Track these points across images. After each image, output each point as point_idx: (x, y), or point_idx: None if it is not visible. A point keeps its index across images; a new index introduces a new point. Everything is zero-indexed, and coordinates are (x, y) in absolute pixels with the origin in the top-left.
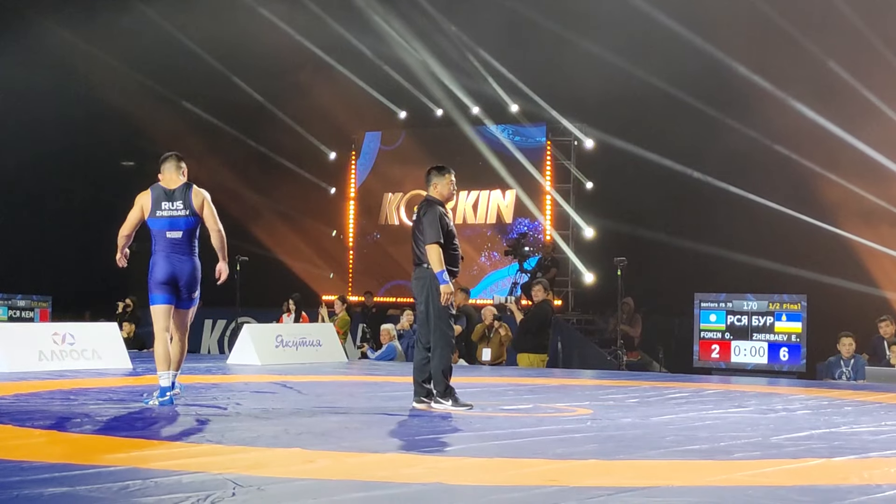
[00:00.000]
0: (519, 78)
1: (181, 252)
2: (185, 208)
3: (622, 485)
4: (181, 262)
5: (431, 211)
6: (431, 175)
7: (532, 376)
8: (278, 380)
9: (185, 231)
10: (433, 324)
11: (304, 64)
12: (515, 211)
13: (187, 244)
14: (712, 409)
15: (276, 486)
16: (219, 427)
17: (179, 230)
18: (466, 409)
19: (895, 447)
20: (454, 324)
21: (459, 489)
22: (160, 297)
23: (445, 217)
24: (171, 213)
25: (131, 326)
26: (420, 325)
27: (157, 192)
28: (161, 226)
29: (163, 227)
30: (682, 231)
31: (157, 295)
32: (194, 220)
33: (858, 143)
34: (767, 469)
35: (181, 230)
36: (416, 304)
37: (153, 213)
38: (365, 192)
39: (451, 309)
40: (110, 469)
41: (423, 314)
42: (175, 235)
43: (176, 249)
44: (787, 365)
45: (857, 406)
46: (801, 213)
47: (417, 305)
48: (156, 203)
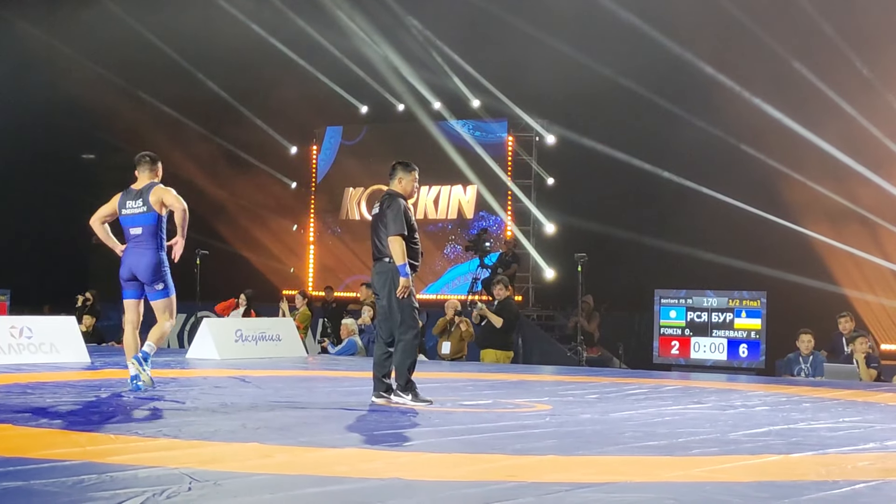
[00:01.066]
0: (481, 73)
1: (142, 247)
2: (144, 205)
3: (580, 480)
4: (141, 256)
5: (395, 204)
6: (397, 169)
7: (492, 372)
8: (237, 374)
9: (143, 227)
10: (397, 318)
11: (266, 59)
12: (476, 206)
13: (148, 240)
14: (671, 405)
15: (233, 480)
16: (176, 421)
17: (139, 226)
18: (426, 405)
19: (853, 444)
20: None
21: (418, 484)
22: (124, 293)
23: (409, 211)
24: (133, 210)
25: (91, 320)
26: (381, 320)
27: (126, 193)
28: (125, 223)
29: (126, 224)
30: (643, 227)
31: (124, 290)
32: (153, 216)
33: (819, 141)
34: (725, 465)
35: (140, 226)
36: (378, 299)
37: (120, 212)
38: (326, 187)
39: (415, 302)
40: (65, 463)
41: (384, 309)
42: (136, 231)
43: (137, 245)
44: (747, 361)
45: (815, 402)
46: (762, 211)
47: (379, 300)
48: (122, 203)
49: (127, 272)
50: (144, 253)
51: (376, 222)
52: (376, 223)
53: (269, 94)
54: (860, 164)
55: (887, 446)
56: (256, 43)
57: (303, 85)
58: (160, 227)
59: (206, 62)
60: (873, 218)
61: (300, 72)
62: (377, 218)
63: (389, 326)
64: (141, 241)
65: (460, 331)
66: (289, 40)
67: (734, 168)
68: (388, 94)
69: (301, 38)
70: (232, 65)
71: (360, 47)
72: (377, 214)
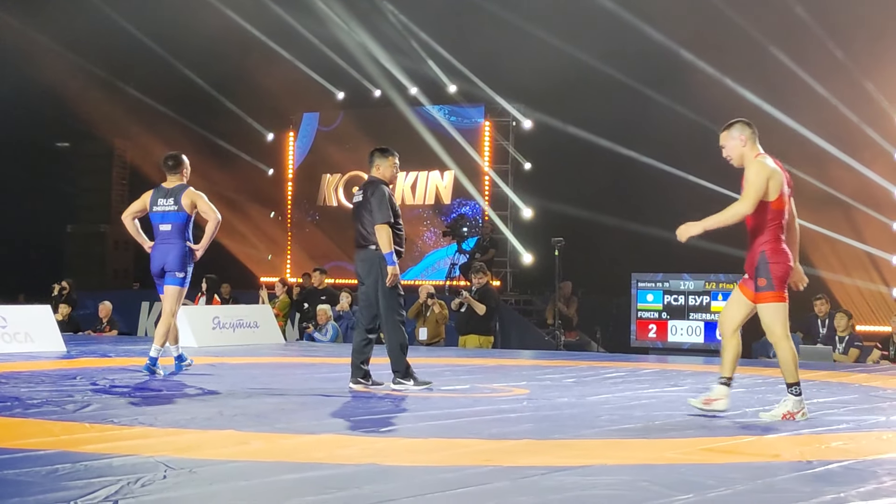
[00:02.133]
0: (457, 59)
1: (170, 242)
2: (175, 204)
3: (556, 464)
4: (168, 249)
5: (379, 191)
6: (375, 156)
7: (469, 357)
8: (214, 361)
9: (173, 224)
10: (383, 304)
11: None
12: (454, 192)
13: (176, 236)
14: (648, 388)
15: (209, 468)
16: (152, 409)
17: (169, 223)
18: (427, 388)
19: (827, 424)
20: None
21: (394, 470)
22: (158, 288)
23: (393, 197)
24: (163, 208)
25: (67, 309)
26: (362, 307)
27: (157, 190)
28: (154, 219)
29: (155, 220)
30: (620, 211)
31: (157, 286)
32: (183, 215)
33: (795, 125)
34: (701, 447)
35: (170, 223)
36: (360, 286)
37: (150, 209)
38: (303, 174)
39: (400, 289)
40: (39, 452)
41: (367, 296)
42: (165, 228)
43: (165, 241)
44: None
45: None
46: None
47: (363, 287)
48: (153, 200)
49: (157, 267)
50: (174, 246)
51: (359, 210)
52: (359, 210)
53: (245, 81)
54: (835, 148)
55: (860, 426)
56: (232, 29)
57: (279, 71)
58: (188, 226)
59: (182, 49)
60: (849, 201)
61: (276, 58)
62: (360, 205)
63: (371, 314)
64: (169, 237)
65: (435, 314)
66: (265, 27)
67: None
68: (364, 80)
69: (277, 25)
70: (208, 51)
71: (337, 33)
72: (360, 202)
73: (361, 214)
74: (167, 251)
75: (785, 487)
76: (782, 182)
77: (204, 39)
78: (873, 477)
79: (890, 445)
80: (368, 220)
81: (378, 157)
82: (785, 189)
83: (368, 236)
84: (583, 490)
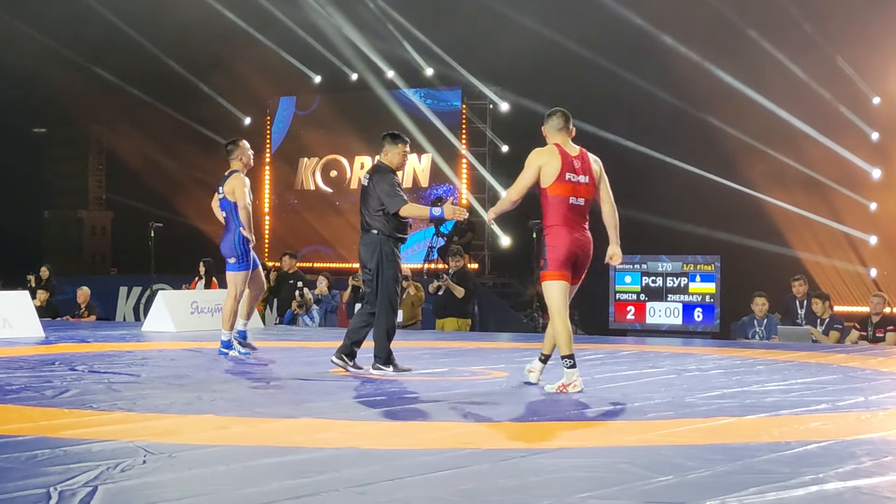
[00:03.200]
0: (434, 42)
1: (226, 228)
2: (223, 192)
3: (536, 446)
4: (224, 236)
5: (386, 179)
6: (385, 142)
7: (448, 340)
8: (193, 346)
9: (226, 212)
10: (380, 289)
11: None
12: (431, 175)
13: (229, 222)
14: (627, 370)
15: (188, 452)
16: (131, 395)
17: (224, 210)
18: (407, 374)
19: (805, 405)
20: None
21: (374, 453)
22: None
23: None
24: (219, 196)
25: (45, 294)
26: (371, 292)
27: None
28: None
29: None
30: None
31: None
32: (229, 203)
33: (772, 106)
34: (680, 428)
35: (224, 210)
36: (363, 270)
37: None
38: (280, 158)
39: (399, 276)
40: (18, 438)
41: (371, 280)
42: (223, 215)
43: (225, 227)
44: (702, 325)
45: (768, 365)
46: (715, 175)
47: (365, 271)
48: (218, 189)
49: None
50: (226, 234)
51: (364, 194)
52: (365, 196)
53: (221, 65)
54: (814, 130)
55: (839, 407)
56: (208, 13)
57: (256, 55)
58: (236, 212)
59: (158, 34)
60: (825, 181)
61: (253, 42)
62: (364, 191)
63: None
64: (226, 223)
65: (410, 296)
66: (241, 10)
67: (687, 133)
68: (341, 64)
69: (253, 8)
70: (184, 36)
71: (313, 17)
72: (365, 187)
73: (366, 199)
74: (223, 238)
75: (764, 468)
76: (558, 169)
77: (180, 23)
78: (852, 457)
79: (868, 426)
80: (372, 205)
81: (388, 142)
82: (574, 176)
83: (371, 221)
84: (562, 472)
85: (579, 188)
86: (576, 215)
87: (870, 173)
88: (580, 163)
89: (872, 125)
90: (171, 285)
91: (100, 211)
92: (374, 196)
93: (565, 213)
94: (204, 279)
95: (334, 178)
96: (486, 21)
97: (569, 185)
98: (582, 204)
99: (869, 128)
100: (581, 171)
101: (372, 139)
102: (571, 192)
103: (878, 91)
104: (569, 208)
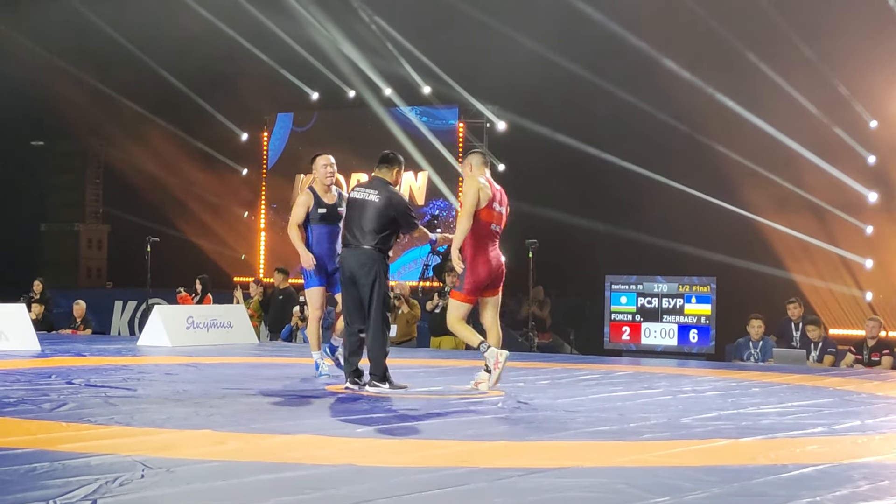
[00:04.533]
0: (431, 60)
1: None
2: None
3: (532, 466)
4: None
5: (401, 198)
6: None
7: (444, 358)
8: (189, 361)
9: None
10: (375, 306)
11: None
12: (428, 193)
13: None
14: (622, 390)
15: (186, 467)
16: (128, 409)
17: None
18: (403, 391)
19: (801, 428)
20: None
21: (370, 470)
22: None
23: None
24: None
25: (40, 308)
26: (352, 308)
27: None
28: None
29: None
30: (594, 213)
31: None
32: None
33: (769, 128)
34: (676, 450)
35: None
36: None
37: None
38: (277, 174)
39: (391, 292)
40: (17, 451)
41: (359, 297)
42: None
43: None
44: (697, 347)
45: (764, 387)
46: (711, 196)
47: (353, 288)
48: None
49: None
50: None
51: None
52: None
53: (219, 81)
54: (810, 152)
55: (835, 430)
56: (207, 29)
57: (253, 71)
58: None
59: (156, 49)
60: (821, 203)
61: (251, 58)
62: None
63: (362, 314)
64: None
65: (405, 314)
66: (240, 26)
67: (684, 155)
68: (339, 81)
69: (252, 25)
70: (182, 51)
71: (312, 34)
72: (365, 201)
73: (362, 214)
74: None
75: (760, 491)
76: (489, 197)
77: (179, 39)
78: (849, 481)
79: (865, 450)
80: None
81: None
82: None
83: (367, 236)
84: (559, 492)
85: (500, 217)
86: (494, 239)
87: (866, 197)
88: (500, 195)
89: (869, 149)
90: (167, 300)
91: (96, 224)
92: (380, 212)
93: (487, 236)
94: (199, 295)
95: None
96: (483, 40)
97: (494, 212)
98: (499, 230)
99: (866, 151)
100: (501, 202)
101: (369, 156)
102: (496, 220)
103: (875, 115)
104: (489, 233)
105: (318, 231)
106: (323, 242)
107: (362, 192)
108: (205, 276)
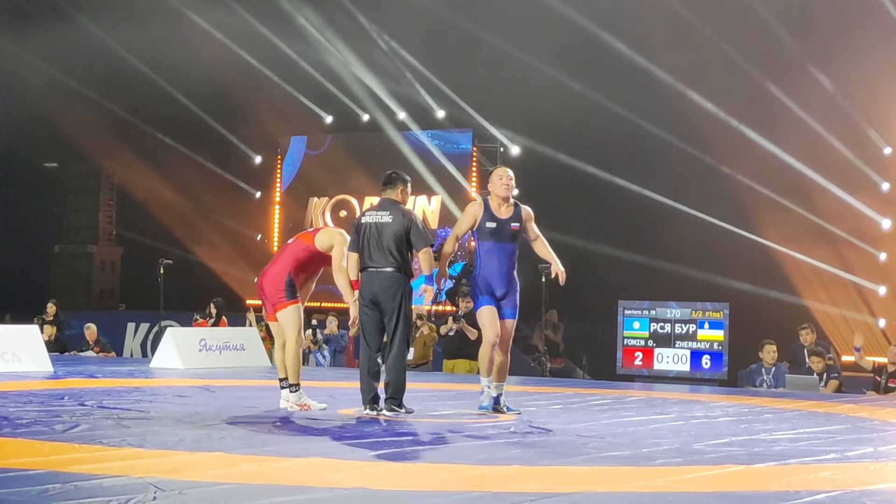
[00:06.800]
0: (445, 84)
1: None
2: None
3: (544, 490)
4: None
5: (413, 216)
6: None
7: (456, 382)
8: (201, 384)
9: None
10: (400, 330)
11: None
12: (441, 217)
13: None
14: (634, 415)
15: (198, 490)
16: (140, 431)
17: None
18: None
19: (814, 454)
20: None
21: (382, 494)
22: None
23: None
24: None
25: (52, 329)
26: (372, 331)
27: None
28: None
29: None
30: (607, 238)
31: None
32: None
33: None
34: (688, 475)
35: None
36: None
37: None
38: (290, 197)
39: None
40: (29, 473)
41: (379, 320)
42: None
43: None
44: (709, 372)
45: (776, 413)
46: (725, 223)
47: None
48: None
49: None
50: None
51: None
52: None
53: (233, 104)
54: (824, 179)
55: (847, 457)
56: (222, 53)
57: (268, 94)
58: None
59: (171, 71)
60: (835, 230)
61: (265, 81)
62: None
63: (381, 338)
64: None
65: (424, 336)
66: (254, 50)
67: (698, 180)
68: (353, 105)
69: (266, 48)
70: (197, 74)
71: (326, 57)
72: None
73: (380, 237)
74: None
75: None
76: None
77: (194, 62)
78: None
79: (878, 476)
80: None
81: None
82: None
83: (389, 259)
84: None
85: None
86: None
87: (880, 223)
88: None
89: (883, 175)
90: (180, 322)
91: (110, 246)
92: (396, 232)
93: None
94: (214, 318)
95: (344, 218)
96: (498, 64)
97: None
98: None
99: (880, 178)
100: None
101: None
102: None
103: (889, 142)
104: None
105: (485, 248)
106: (491, 262)
107: (374, 216)
108: (219, 300)
